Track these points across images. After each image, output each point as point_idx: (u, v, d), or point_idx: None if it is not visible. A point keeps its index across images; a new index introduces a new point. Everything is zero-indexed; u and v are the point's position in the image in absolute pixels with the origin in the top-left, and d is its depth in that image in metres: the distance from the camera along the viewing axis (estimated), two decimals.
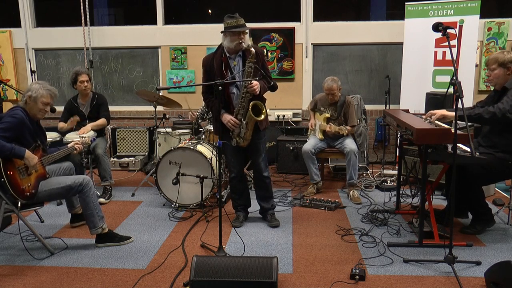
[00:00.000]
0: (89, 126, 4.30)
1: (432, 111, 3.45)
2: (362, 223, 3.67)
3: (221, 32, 3.35)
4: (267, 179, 3.65)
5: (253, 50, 3.24)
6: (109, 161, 4.48)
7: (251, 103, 3.36)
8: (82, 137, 3.60)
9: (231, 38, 3.29)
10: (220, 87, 2.88)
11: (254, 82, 3.27)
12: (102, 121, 4.43)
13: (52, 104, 3.23)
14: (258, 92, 3.32)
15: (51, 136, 4.49)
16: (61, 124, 4.36)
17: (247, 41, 3.33)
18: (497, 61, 3.17)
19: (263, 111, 3.41)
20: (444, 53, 5.06)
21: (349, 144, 4.37)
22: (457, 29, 4.92)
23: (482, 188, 3.35)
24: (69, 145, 3.42)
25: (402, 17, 5.30)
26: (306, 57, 5.85)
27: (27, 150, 2.95)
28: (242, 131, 3.42)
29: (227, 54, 3.39)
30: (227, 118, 3.41)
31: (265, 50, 5.70)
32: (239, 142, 3.47)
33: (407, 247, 3.17)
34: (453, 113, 3.18)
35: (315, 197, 4.29)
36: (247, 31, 3.34)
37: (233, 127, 3.42)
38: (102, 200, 4.22)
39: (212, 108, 3.52)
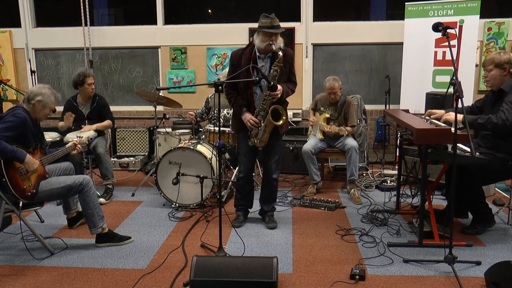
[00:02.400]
0: (94, 126, 4.31)
1: (432, 110, 3.43)
2: (362, 223, 3.67)
3: (255, 30, 3.33)
4: (275, 181, 3.62)
5: (280, 54, 3.19)
6: (110, 160, 4.48)
7: (271, 107, 3.32)
8: (80, 136, 3.60)
9: (263, 38, 3.24)
10: (220, 87, 2.87)
11: (278, 87, 3.23)
12: (107, 122, 4.46)
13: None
14: (280, 97, 3.29)
15: (51, 136, 4.51)
16: (61, 124, 4.37)
17: (280, 43, 3.28)
18: (493, 62, 3.14)
19: (283, 116, 3.36)
20: (444, 53, 5.05)
21: (350, 141, 4.38)
22: (457, 29, 4.92)
23: (482, 188, 3.35)
24: (67, 145, 3.42)
25: (402, 17, 5.30)
26: (306, 57, 5.85)
27: (28, 155, 2.95)
28: (260, 133, 3.40)
29: (257, 54, 3.36)
30: (247, 117, 3.39)
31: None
32: (256, 143, 3.45)
33: (407, 247, 3.17)
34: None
35: (315, 197, 4.29)
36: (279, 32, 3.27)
37: (252, 127, 3.40)
38: (102, 200, 4.21)
39: (234, 104, 3.49)
